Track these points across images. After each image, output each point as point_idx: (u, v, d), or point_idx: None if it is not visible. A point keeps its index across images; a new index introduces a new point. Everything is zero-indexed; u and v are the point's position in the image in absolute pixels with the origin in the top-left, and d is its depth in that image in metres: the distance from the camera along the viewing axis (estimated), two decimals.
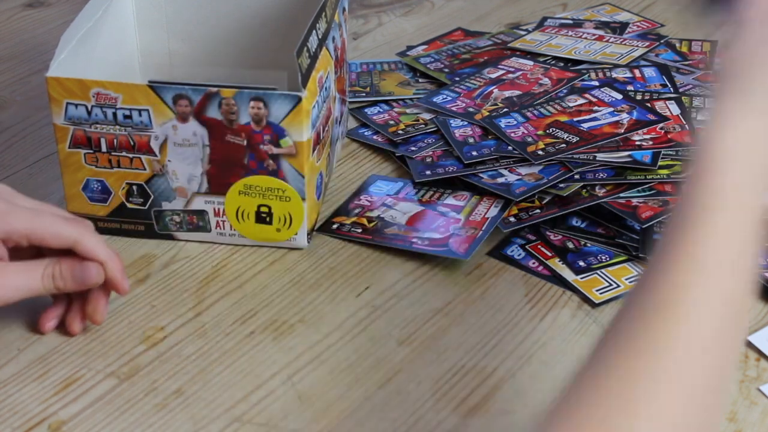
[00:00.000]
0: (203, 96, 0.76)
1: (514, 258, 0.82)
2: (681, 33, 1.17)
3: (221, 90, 0.76)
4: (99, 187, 0.81)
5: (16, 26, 1.21)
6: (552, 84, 1.02)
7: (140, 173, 0.80)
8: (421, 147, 0.93)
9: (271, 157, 0.78)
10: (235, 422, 0.67)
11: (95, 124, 0.78)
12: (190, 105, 0.77)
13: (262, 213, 0.80)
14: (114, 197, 0.81)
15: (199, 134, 0.78)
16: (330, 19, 0.86)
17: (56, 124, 0.79)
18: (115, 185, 0.81)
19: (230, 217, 0.81)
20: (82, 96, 0.77)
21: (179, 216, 0.81)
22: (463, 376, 0.70)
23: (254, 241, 0.82)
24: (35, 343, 0.73)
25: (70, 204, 0.82)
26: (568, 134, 0.91)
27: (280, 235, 0.81)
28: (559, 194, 0.86)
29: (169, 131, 0.78)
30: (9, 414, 0.67)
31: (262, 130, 0.77)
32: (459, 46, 1.13)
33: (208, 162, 0.79)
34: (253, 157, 0.78)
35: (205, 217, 0.81)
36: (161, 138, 0.78)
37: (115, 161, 0.80)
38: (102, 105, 0.77)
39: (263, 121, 0.76)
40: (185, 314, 0.76)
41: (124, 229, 0.83)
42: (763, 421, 0.66)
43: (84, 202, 0.82)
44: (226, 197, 0.80)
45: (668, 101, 0.97)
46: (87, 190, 0.81)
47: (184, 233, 0.82)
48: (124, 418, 0.67)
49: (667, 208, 0.82)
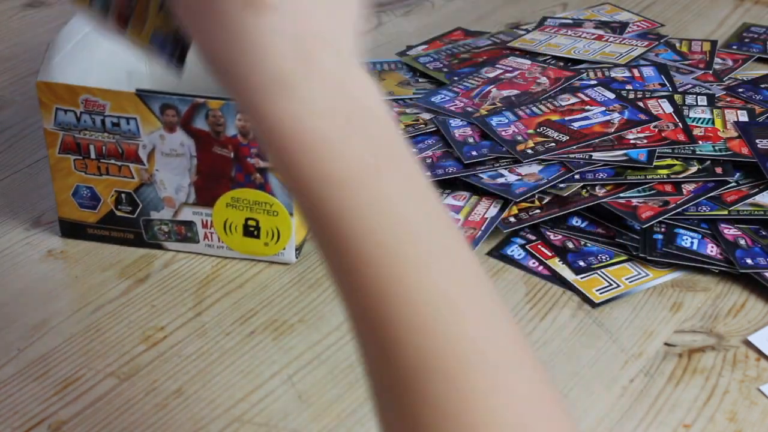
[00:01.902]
0: (190, 106, 0.76)
1: (514, 258, 0.82)
2: (681, 33, 1.17)
3: (208, 101, 0.75)
4: (88, 194, 0.81)
5: (16, 26, 1.21)
6: (550, 83, 1.02)
7: (129, 181, 0.80)
8: (421, 148, 0.93)
9: (259, 170, 0.77)
10: (235, 422, 0.67)
11: (84, 131, 0.78)
12: (177, 115, 0.76)
13: (249, 227, 0.80)
14: (103, 204, 0.81)
15: (187, 145, 0.77)
16: None
17: (46, 129, 0.78)
18: (104, 192, 0.81)
19: (218, 229, 0.80)
20: (71, 102, 0.77)
21: (167, 226, 0.81)
22: None
23: (243, 255, 0.81)
24: (35, 343, 0.73)
25: (61, 210, 0.82)
26: (559, 133, 0.91)
27: (268, 249, 0.80)
28: (559, 194, 0.86)
29: (156, 141, 0.78)
30: (9, 414, 0.67)
31: (249, 142, 0.76)
32: (458, 46, 1.13)
33: (196, 173, 0.79)
34: (240, 169, 0.78)
35: (194, 228, 0.81)
36: (149, 147, 0.78)
37: (104, 168, 0.80)
38: (90, 112, 0.77)
39: (250, 134, 0.76)
40: (185, 314, 0.76)
41: (113, 236, 0.83)
42: (763, 421, 0.66)
43: (74, 208, 0.82)
44: (214, 209, 0.80)
45: (660, 99, 0.97)
46: (77, 197, 0.81)
47: (173, 243, 0.82)
48: (124, 418, 0.67)
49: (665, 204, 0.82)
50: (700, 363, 0.71)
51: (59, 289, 0.79)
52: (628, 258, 0.81)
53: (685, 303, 0.77)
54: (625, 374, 0.70)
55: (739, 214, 0.82)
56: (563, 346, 0.73)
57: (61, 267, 0.81)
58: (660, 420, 0.66)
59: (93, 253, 0.83)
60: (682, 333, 0.74)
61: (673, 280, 0.79)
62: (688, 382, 0.70)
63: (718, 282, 0.79)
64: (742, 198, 0.84)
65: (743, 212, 0.82)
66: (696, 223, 0.83)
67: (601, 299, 0.77)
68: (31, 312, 0.76)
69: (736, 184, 0.86)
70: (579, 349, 0.72)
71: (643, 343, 0.73)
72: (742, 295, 0.78)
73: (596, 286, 0.78)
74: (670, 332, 0.74)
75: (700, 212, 0.83)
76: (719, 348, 0.72)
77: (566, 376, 0.70)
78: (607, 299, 0.77)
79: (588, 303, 0.77)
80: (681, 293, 0.78)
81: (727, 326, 0.74)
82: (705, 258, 0.79)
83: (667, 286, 0.78)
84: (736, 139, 0.91)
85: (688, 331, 0.74)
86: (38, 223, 0.86)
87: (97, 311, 0.76)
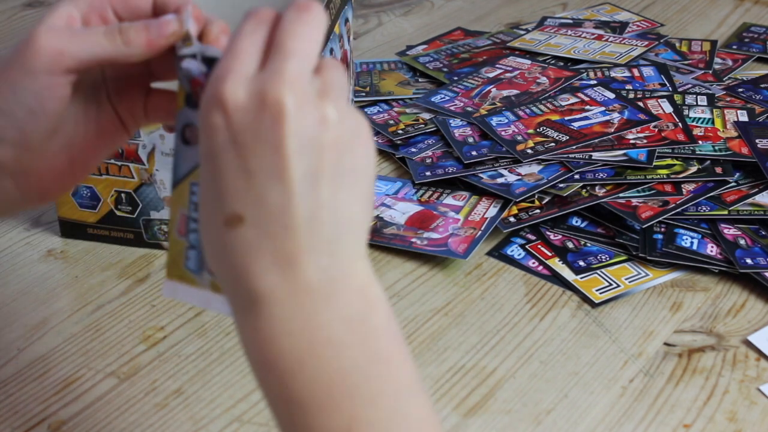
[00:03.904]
0: None
1: (514, 258, 0.82)
2: (681, 33, 1.17)
3: None
4: (88, 194, 0.81)
5: (16, 26, 1.21)
6: (550, 83, 1.02)
7: (129, 181, 0.80)
8: (421, 148, 0.93)
9: None
10: (235, 422, 0.67)
11: None
12: None
13: None
14: (103, 204, 0.81)
15: None
16: (329, 30, 0.86)
17: None
18: (104, 192, 0.81)
19: None
20: None
21: (167, 226, 0.81)
22: (463, 376, 0.70)
23: None
24: (35, 343, 0.73)
25: (61, 209, 0.82)
26: (558, 133, 0.91)
27: None
28: (559, 194, 0.86)
29: (156, 140, 0.78)
30: (9, 414, 0.67)
31: None
32: (458, 46, 1.13)
33: None
34: None
35: None
36: (149, 147, 0.78)
37: (104, 168, 0.80)
38: None
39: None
40: (185, 314, 0.76)
41: (113, 236, 0.83)
42: (763, 421, 0.66)
43: (74, 208, 0.82)
44: None
45: (660, 99, 0.97)
46: (77, 196, 0.81)
47: None
48: (124, 418, 0.67)
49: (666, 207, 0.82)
50: (700, 363, 0.71)
51: (59, 289, 0.79)
52: (628, 258, 0.81)
53: (685, 303, 0.77)
54: (625, 374, 0.70)
55: (739, 214, 0.82)
56: (563, 346, 0.73)
57: (61, 267, 0.81)
58: (660, 420, 0.66)
59: (93, 253, 0.83)
60: (682, 333, 0.74)
61: (673, 280, 0.79)
62: (687, 382, 0.70)
63: (718, 282, 0.79)
64: (742, 198, 0.84)
65: (743, 212, 0.82)
66: (696, 223, 0.83)
67: (601, 299, 0.77)
68: (31, 312, 0.76)
69: (736, 184, 0.86)
70: (579, 349, 0.72)
71: (643, 343, 0.73)
72: (742, 295, 0.78)
73: (596, 286, 0.78)
74: (669, 332, 0.74)
75: (699, 212, 0.83)
76: (719, 348, 0.72)
77: (566, 376, 0.70)
78: (606, 299, 0.77)
79: (588, 303, 0.77)
80: (681, 293, 0.78)
81: (727, 326, 0.74)
82: (705, 258, 0.79)
83: (667, 286, 0.78)
84: (736, 139, 0.91)
85: (688, 331, 0.74)
86: (38, 222, 0.86)
87: (97, 311, 0.76)
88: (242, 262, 0.44)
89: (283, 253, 0.44)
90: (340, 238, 0.45)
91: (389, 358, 0.45)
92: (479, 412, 0.67)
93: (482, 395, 0.69)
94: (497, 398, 0.68)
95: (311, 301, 0.44)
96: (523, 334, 0.74)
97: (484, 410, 0.67)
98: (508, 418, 0.67)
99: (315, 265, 0.44)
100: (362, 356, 0.44)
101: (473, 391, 0.69)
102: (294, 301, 0.44)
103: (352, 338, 0.44)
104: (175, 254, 0.54)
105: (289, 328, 0.44)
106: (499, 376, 0.70)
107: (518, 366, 0.71)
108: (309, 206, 0.44)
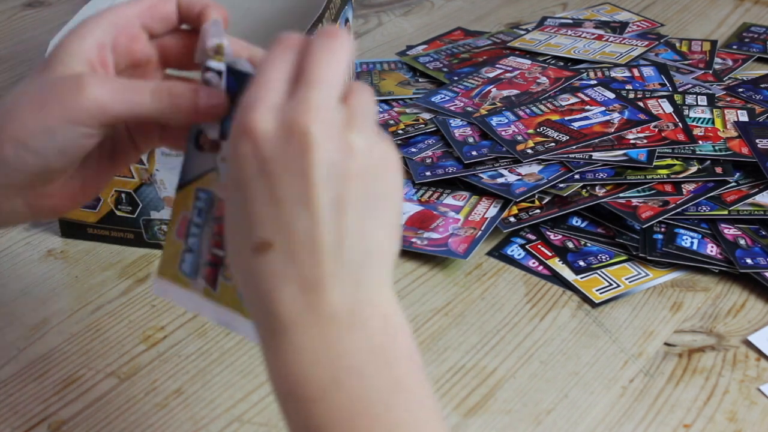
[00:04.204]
0: None
1: (514, 258, 0.82)
2: (681, 33, 1.17)
3: None
4: None
5: (16, 26, 1.21)
6: (550, 83, 1.02)
7: (129, 181, 0.80)
8: (421, 148, 0.93)
9: None
10: (235, 422, 0.67)
11: None
12: None
13: None
14: (103, 204, 0.81)
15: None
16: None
17: None
18: (104, 192, 0.81)
19: None
20: None
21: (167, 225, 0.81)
22: (463, 376, 0.70)
23: None
24: (35, 343, 0.73)
25: None
26: (559, 133, 0.91)
27: None
28: (559, 194, 0.86)
29: None
30: (9, 414, 0.67)
31: None
32: (458, 46, 1.13)
33: None
34: None
35: None
36: None
37: None
38: None
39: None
40: (185, 314, 0.76)
41: (113, 236, 0.83)
42: (763, 421, 0.66)
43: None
44: None
45: (660, 99, 0.97)
46: None
47: None
48: (124, 418, 0.67)
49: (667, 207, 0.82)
50: (700, 363, 0.71)
51: (59, 289, 0.79)
52: (628, 258, 0.81)
53: (685, 303, 0.77)
54: (625, 374, 0.70)
55: (739, 214, 0.82)
56: (563, 346, 0.73)
57: (61, 267, 0.81)
58: (660, 420, 0.66)
59: (93, 252, 0.83)
60: (682, 333, 0.74)
61: (673, 280, 0.79)
62: (688, 382, 0.70)
63: (718, 282, 0.79)
64: (742, 198, 0.84)
65: (743, 212, 0.82)
66: (696, 223, 0.83)
67: (601, 299, 0.77)
68: (31, 312, 0.76)
69: (736, 184, 0.86)
70: (579, 349, 0.72)
71: (643, 343, 0.73)
72: (742, 295, 0.78)
73: (596, 286, 0.78)
74: (670, 332, 0.74)
75: (700, 212, 0.83)
76: (719, 348, 0.72)
77: (566, 376, 0.70)
78: (607, 299, 0.77)
79: (588, 303, 0.77)
80: (681, 293, 0.78)
81: (727, 326, 0.74)
82: (705, 258, 0.79)
83: (667, 286, 0.78)
84: (736, 139, 0.91)
85: (688, 331, 0.74)
86: (38, 222, 0.86)
87: (97, 311, 0.76)
88: (269, 288, 0.45)
89: (308, 279, 0.44)
90: (365, 265, 0.45)
91: (411, 388, 0.46)
92: (479, 412, 0.67)
93: (482, 395, 0.69)
94: (497, 398, 0.68)
95: (335, 328, 0.44)
96: (523, 334, 0.74)
97: (484, 410, 0.67)
98: (508, 418, 0.67)
99: (340, 291, 0.45)
100: (384, 386, 0.45)
101: (473, 391, 0.69)
102: (318, 328, 0.44)
103: (375, 367, 0.45)
104: (171, 254, 0.54)
105: (312, 355, 0.44)
106: (499, 376, 0.70)
107: (518, 366, 0.71)
108: (334, 233, 0.44)
